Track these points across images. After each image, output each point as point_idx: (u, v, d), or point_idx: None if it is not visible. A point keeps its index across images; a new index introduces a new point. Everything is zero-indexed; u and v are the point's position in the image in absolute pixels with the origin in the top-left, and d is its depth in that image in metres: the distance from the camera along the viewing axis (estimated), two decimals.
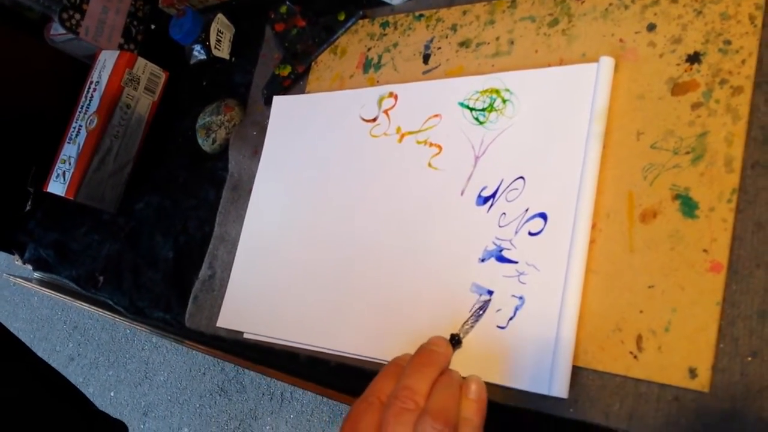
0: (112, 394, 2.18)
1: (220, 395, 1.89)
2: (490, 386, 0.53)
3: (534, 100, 0.58)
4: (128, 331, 2.22)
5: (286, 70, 0.78)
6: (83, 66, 0.97)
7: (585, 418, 0.49)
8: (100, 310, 0.92)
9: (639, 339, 0.49)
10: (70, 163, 0.88)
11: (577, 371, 0.50)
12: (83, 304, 0.95)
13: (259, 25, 0.85)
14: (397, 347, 0.59)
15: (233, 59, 0.89)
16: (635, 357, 0.48)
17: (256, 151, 0.78)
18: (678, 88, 0.52)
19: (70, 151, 0.90)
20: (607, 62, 0.55)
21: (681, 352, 0.47)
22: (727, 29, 0.51)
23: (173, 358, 2.06)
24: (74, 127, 0.91)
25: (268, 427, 1.77)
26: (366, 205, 0.66)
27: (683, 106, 0.52)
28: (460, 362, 0.55)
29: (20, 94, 0.96)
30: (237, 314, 0.72)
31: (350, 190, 0.68)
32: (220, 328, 0.73)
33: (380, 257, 0.63)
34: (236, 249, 0.75)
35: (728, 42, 0.51)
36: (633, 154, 0.53)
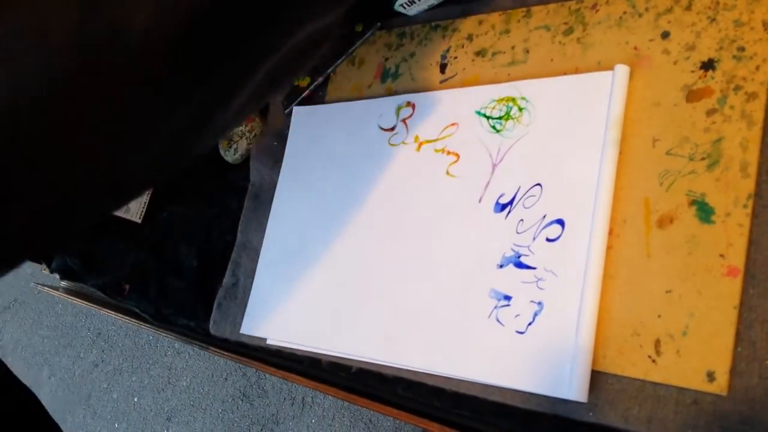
0: (135, 399, 2.21)
1: (242, 400, 1.91)
2: (509, 391, 0.55)
3: (550, 108, 0.59)
4: (151, 337, 2.25)
5: (305, 81, 0.79)
6: None
7: (604, 421, 0.50)
8: (126, 317, 0.94)
9: (657, 343, 0.49)
10: None
11: (596, 375, 0.51)
12: (109, 311, 0.97)
13: None
14: (417, 353, 0.60)
15: None
16: (654, 361, 0.49)
17: (276, 160, 0.80)
18: (693, 95, 0.53)
19: None
20: (622, 70, 0.55)
21: (699, 355, 0.47)
22: (740, 36, 0.52)
23: (195, 363, 2.08)
24: None
25: None
26: (385, 212, 0.67)
27: (698, 113, 0.52)
28: (480, 368, 0.56)
29: None
30: (260, 321, 0.74)
31: (369, 198, 0.69)
32: (244, 334, 0.74)
33: (400, 264, 0.64)
34: (259, 257, 0.77)
35: (742, 48, 0.51)
36: (649, 160, 0.53)
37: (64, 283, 1.09)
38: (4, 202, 0.32)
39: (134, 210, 0.93)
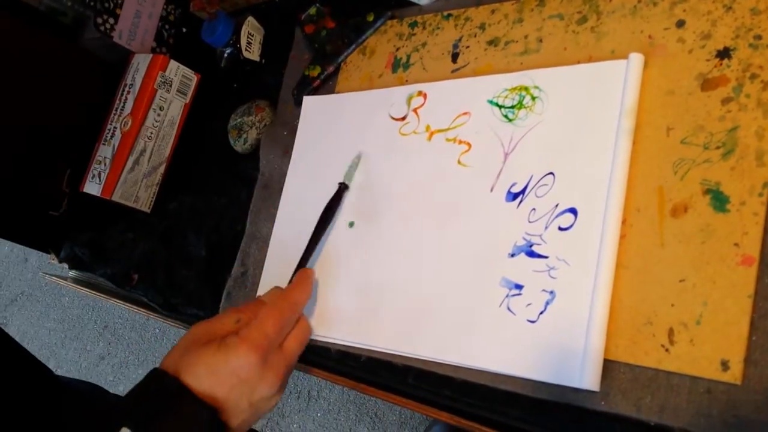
0: None
1: None
2: (520, 380, 0.54)
3: (563, 97, 0.59)
4: (157, 331, 2.25)
5: (315, 71, 0.79)
6: (116, 69, 0.99)
7: (616, 410, 0.50)
8: (134, 307, 0.95)
9: (670, 332, 0.49)
10: (105, 164, 0.91)
11: (608, 365, 0.51)
12: (118, 301, 0.97)
13: (289, 27, 0.86)
14: (427, 341, 0.60)
15: (263, 61, 0.90)
16: (667, 350, 0.49)
17: (286, 150, 0.80)
18: (708, 84, 0.53)
19: (105, 152, 0.92)
20: (636, 58, 0.55)
21: (713, 344, 0.47)
22: (757, 24, 0.51)
23: None
24: (109, 129, 0.93)
25: (295, 425, 1.78)
26: (396, 202, 0.67)
27: (713, 102, 0.52)
28: (491, 357, 0.56)
29: (55, 97, 0.98)
30: None
31: (380, 188, 0.69)
32: None
33: (410, 253, 0.64)
34: (268, 246, 0.77)
35: (759, 37, 0.51)
36: (663, 149, 0.53)
37: (72, 273, 1.10)
38: None
39: (143, 199, 0.93)
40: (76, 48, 0.99)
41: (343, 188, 0.71)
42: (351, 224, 0.70)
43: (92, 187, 0.91)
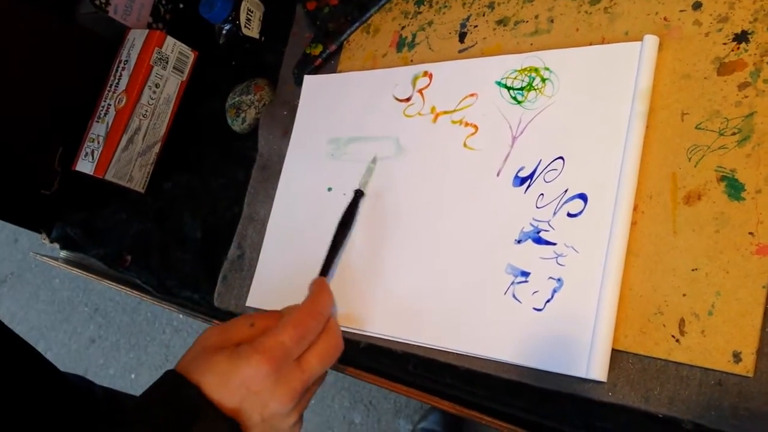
0: (132, 376, 2.20)
1: None
2: (525, 369, 0.53)
3: (575, 79, 0.57)
4: (149, 314, 2.23)
5: (317, 50, 0.77)
6: (111, 45, 0.96)
7: (624, 402, 0.49)
8: (127, 289, 0.93)
9: (681, 322, 0.48)
10: (98, 142, 0.89)
11: (616, 355, 0.50)
12: (110, 283, 0.95)
13: (290, 3, 0.84)
14: (429, 328, 0.59)
15: (263, 38, 0.88)
16: (677, 341, 0.48)
17: (286, 131, 0.78)
18: (724, 68, 0.51)
19: (98, 129, 0.90)
20: (651, 41, 0.53)
21: (725, 336, 0.46)
22: None
23: (193, 341, 2.07)
24: (103, 106, 0.91)
25: None
26: (398, 185, 0.66)
27: (730, 86, 0.50)
28: (495, 345, 0.54)
29: (48, 73, 0.96)
30: (266, 294, 0.72)
31: (382, 170, 0.67)
32: (249, 307, 0.73)
33: (412, 237, 0.63)
34: (265, 229, 0.75)
35: None
36: (677, 134, 0.52)
37: (63, 254, 1.08)
38: None
39: (137, 179, 0.91)
40: (71, 22, 0.96)
41: (359, 195, 0.67)
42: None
43: (85, 166, 0.89)
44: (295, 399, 0.49)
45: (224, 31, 0.88)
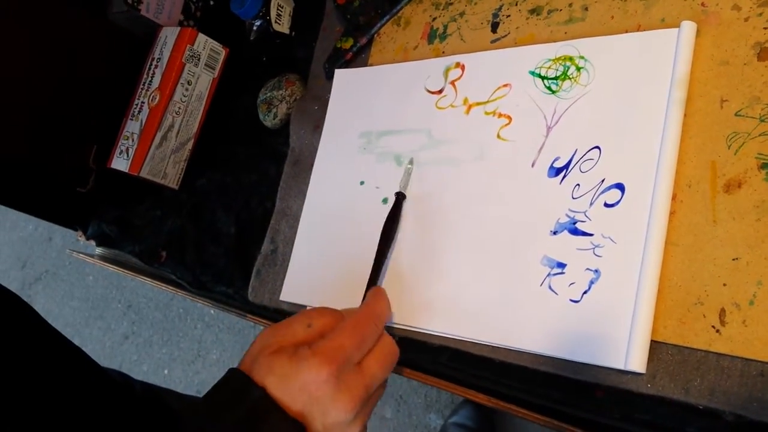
0: (165, 371, 2.23)
1: None
2: (561, 361, 0.53)
3: (611, 67, 0.56)
4: (181, 310, 2.26)
5: (348, 43, 0.77)
6: (143, 43, 0.98)
7: (663, 393, 0.48)
8: (162, 284, 0.94)
9: (722, 313, 0.47)
10: (133, 140, 0.90)
11: (655, 346, 0.49)
12: (145, 279, 0.97)
13: None
14: (465, 321, 0.58)
15: (293, 33, 0.88)
16: (718, 331, 0.47)
17: (317, 125, 0.78)
18: (765, 53, 0.50)
19: (132, 127, 0.91)
20: (688, 27, 0.53)
21: (767, 326, 0.45)
22: None
23: (225, 336, 2.09)
24: (136, 104, 0.92)
25: None
26: (432, 178, 0.65)
27: None
28: (531, 337, 0.54)
29: (82, 72, 0.98)
30: (300, 288, 0.73)
31: (414, 165, 0.67)
32: (283, 301, 0.73)
33: (447, 230, 0.63)
34: (298, 223, 0.76)
35: None
36: (716, 122, 0.51)
37: (99, 251, 1.09)
38: None
39: (171, 176, 0.92)
40: (103, 22, 0.98)
41: (401, 198, 0.66)
42: (385, 200, 0.68)
43: (120, 163, 0.90)
44: (357, 407, 0.47)
45: (255, 27, 0.89)
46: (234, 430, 0.44)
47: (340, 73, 0.78)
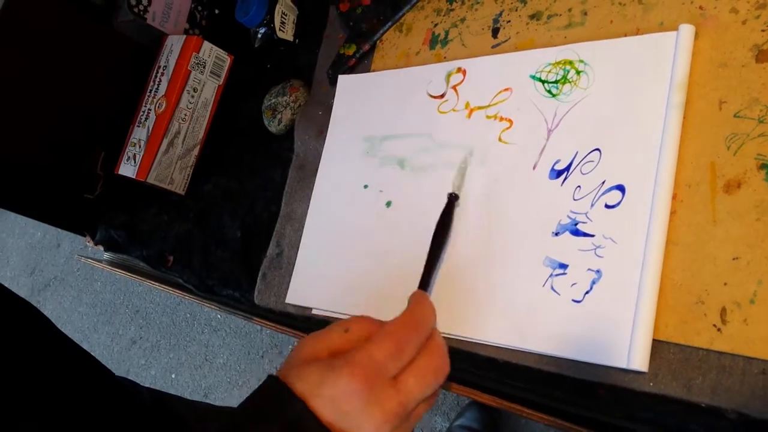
0: (173, 376, 2.24)
1: None
2: (564, 361, 0.53)
3: (610, 71, 0.57)
4: (188, 315, 2.27)
5: (351, 50, 0.78)
6: (150, 52, 0.99)
7: (665, 392, 0.48)
8: (169, 288, 0.95)
9: (723, 311, 0.47)
10: (140, 146, 0.91)
11: (657, 345, 0.50)
12: (153, 283, 0.98)
13: (323, 5, 0.85)
14: (469, 323, 0.59)
15: (297, 41, 0.89)
16: (719, 330, 0.47)
17: (321, 131, 0.79)
18: (763, 55, 0.51)
19: (139, 134, 0.92)
20: (686, 30, 0.53)
21: None
22: None
23: (232, 341, 2.10)
24: (143, 111, 0.93)
25: None
26: (435, 181, 0.66)
27: None
28: (535, 337, 0.55)
29: (89, 80, 0.99)
30: (305, 291, 0.73)
31: (418, 167, 0.68)
32: (289, 304, 0.74)
33: (451, 232, 0.63)
34: (303, 227, 0.76)
35: None
36: (715, 123, 0.51)
37: (107, 256, 1.10)
38: None
39: (178, 181, 0.93)
40: (110, 31, 0.99)
41: (453, 199, 0.60)
42: (388, 204, 0.69)
43: (127, 169, 0.91)
44: (390, 423, 0.43)
45: (259, 35, 0.90)
46: None
47: (343, 79, 0.79)
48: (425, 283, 0.55)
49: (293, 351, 0.47)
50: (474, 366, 0.60)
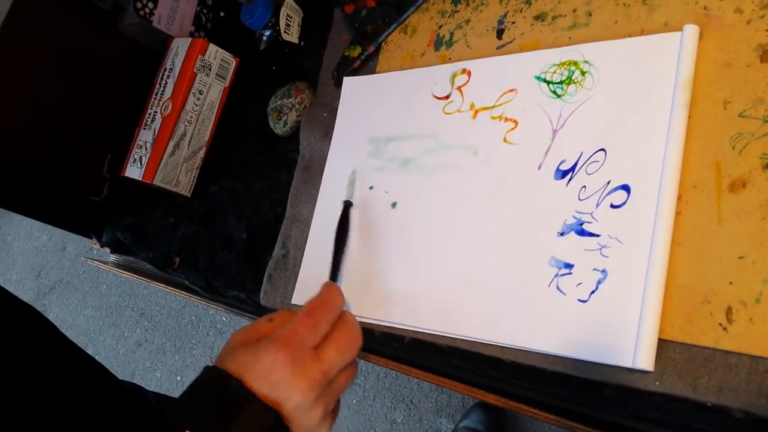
0: (179, 378, 2.24)
1: None
2: (570, 360, 0.53)
3: (615, 71, 0.57)
4: (193, 317, 2.28)
5: (356, 51, 0.79)
6: (156, 54, 0.99)
7: (671, 391, 0.48)
8: (175, 290, 0.95)
9: (729, 311, 0.47)
10: (146, 148, 0.91)
11: (662, 344, 0.50)
12: (159, 285, 0.98)
13: (328, 7, 0.86)
14: (474, 322, 0.59)
15: (302, 43, 0.90)
16: (725, 329, 0.47)
17: (327, 132, 0.79)
18: None
19: (146, 136, 0.92)
20: (691, 30, 0.53)
21: None
22: None
23: None
24: (149, 114, 0.94)
25: None
26: (440, 182, 0.66)
27: None
28: (540, 337, 0.55)
29: (95, 83, 1.00)
30: (311, 291, 0.72)
31: (424, 167, 0.68)
32: (295, 305, 0.74)
33: (456, 233, 0.63)
34: (309, 228, 0.77)
35: None
36: (720, 123, 0.51)
37: (113, 258, 1.11)
38: None
39: (184, 183, 0.94)
40: (116, 34, 1.00)
41: (348, 206, 0.71)
42: (394, 205, 0.69)
43: (134, 171, 0.92)
44: (315, 389, 0.49)
45: (264, 37, 0.90)
46: (212, 418, 0.46)
47: (348, 81, 0.79)
48: (333, 275, 0.68)
49: (227, 342, 0.52)
50: (479, 366, 0.60)
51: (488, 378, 0.60)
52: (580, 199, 0.56)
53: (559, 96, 0.60)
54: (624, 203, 0.53)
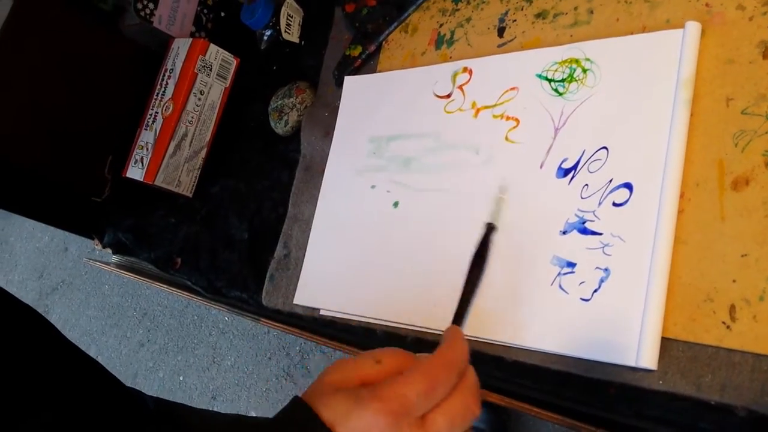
0: (181, 378, 2.24)
1: (285, 379, 1.93)
2: (572, 359, 0.53)
3: (617, 69, 0.57)
4: (196, 317, 2.28)
5: (356, 51, 0.78)
6: (156, 55, 0.99)
7: (675, 390, 0.48)
8: (177, 290, 0.95)
9: (732, 309, 0.47)
10: (147, 149, 0.91)
11: (665, 343, 0.49)
12: (161, 285, 0.98)
13: (329, 7, 0.86)
14: (476, 320, 0.59)
15: (303, 42, 0.90)
16: (728, 327, 0.47)
17: (328, 132, 0.79)
18: None
19: (147, 137, 0.92)
20: (693, 27, 0.53)
21: None
22: None
23: (240, 343, 2.10)
24: (150, 114, 0.94)
25: None
26: (441, 180, 0.66)
27: None
28: (543, 336, 0.55)
29: (96, 84, 1.00)
30: (313, 291, 0.74)
31: (425, 166, 0.68)
32: (297, 305, 0.74)
33: (457, 232, 0.63)
34: (310, 228, 0.77)
35: None
36: (722, 120, 0.51)
37: (115, 258, 1.11)
38: None
39: (185, 184, 0.94)
40: (117, 34, 1.00)
41: (491, 230, 0.54)
42: (396, 204, 0.69)
43: (135, 172, 0.92)
44: None
45: (265, 37, 0.90)
46: None
47: (349, 80, 0.79)
48: (459, 317, 0.52)
49: (322, 375, 0.45)
50: (481, 365, 0.59)
51: (491, 377, 0.59)
52: (582, 198, 0.56)
53: (560, 94, 0.60)
54: (626, 201, 0.53)
